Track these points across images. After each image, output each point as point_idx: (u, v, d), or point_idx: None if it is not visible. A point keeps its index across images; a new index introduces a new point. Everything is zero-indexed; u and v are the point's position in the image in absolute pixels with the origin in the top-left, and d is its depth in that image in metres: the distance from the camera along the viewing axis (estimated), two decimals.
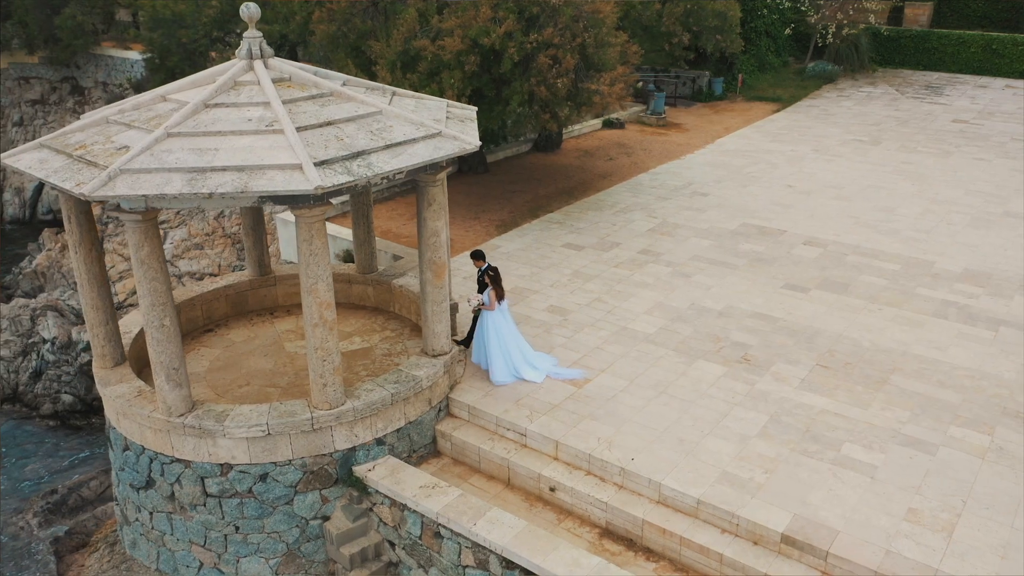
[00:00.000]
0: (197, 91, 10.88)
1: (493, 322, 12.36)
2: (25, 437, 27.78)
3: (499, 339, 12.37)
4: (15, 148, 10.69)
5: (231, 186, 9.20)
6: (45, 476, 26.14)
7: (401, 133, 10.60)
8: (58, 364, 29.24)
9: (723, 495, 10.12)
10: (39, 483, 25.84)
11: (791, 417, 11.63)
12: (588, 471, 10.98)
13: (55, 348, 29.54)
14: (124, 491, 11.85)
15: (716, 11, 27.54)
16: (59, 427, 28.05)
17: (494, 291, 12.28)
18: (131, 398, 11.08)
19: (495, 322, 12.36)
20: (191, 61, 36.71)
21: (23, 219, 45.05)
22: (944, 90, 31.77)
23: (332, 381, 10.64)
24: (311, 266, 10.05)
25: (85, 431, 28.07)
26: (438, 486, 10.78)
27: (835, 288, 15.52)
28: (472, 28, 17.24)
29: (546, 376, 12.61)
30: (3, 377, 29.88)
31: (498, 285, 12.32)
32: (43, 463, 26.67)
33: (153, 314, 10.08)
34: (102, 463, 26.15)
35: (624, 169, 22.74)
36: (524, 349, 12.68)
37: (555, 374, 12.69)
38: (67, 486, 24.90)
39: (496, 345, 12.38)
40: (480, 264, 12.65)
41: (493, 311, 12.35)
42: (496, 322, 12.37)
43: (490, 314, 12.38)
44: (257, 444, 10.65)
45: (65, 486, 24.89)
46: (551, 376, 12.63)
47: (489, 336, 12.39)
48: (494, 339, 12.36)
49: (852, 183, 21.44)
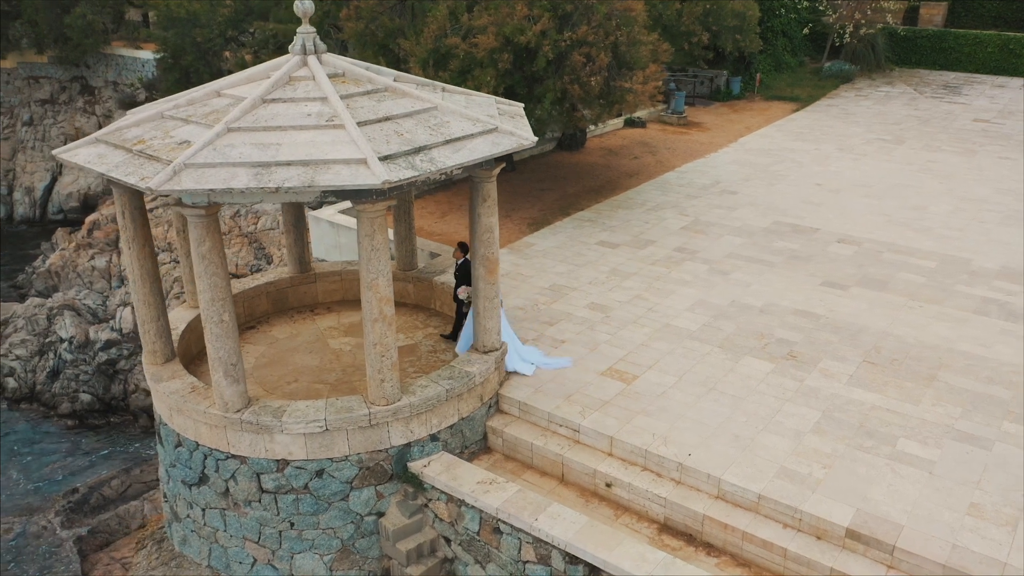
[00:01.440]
0: (252, 86, 10.86)
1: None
2: (43, 436, 27.75)
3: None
4: (68, 144, 10.65)
5: (297, 180, 9.18)
6: (65, 475, 26.12)
7: (459, 129, 10.59)
8: (76, 363, 29.20)
9: (783, 490, 10.11)
10: (59, 482, 25.81)
11: (843, 413, 11.62)
12: (644, 467, 10.96)
13: (73, 347, 29.51)
14: (175, 488, 11.82)
15: (735, 11, 27.56)
16: (77, 426, 28.03)
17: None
18: (185, 394, 11.05)
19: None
20: (205, 60, 36.75)
21: (33, 219, 45.00)
22: (962, 90, 31.81)
23: (390, 377, 10.62)
24: (372, 261, 10.03)
25: (104, 430, 28.07)
26: (495, 481, 10.77)
27: (874, 285, 15.52)
28: (507, 26, 17.24)
29: (535, 368, 12.62)
30: (20, 376, 29.85)
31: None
32: (63, 462, 26.64)
33: (213, 309, 10.06)
34: (122, 462, 26.14)
35: (650, 168, 22.74)
36: (516, 344, 12.66)
37: (544, 364, 12.72)
38: (88, 485, 24.88)
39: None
40: (459, 256, 12.64)
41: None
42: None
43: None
44: (314, 440, 10.62)
45: (86, 485, 24.87)
46: (540, 367, 12.65)
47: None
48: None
49: (880, 181, 21.45)
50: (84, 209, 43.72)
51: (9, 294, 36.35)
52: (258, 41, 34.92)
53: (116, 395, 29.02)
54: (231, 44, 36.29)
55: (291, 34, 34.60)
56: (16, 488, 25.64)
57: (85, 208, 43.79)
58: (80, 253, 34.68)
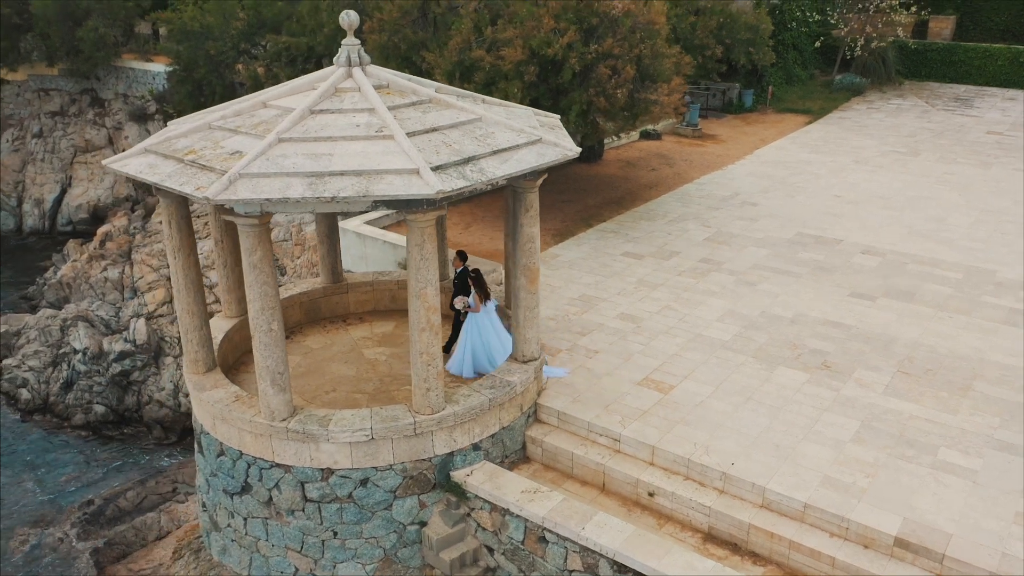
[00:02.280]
0: (299, 97, 10.96)
1: (478, 323, 12.33)
2: (57, 447, 27.72)
3: (481, 338, 12.37)
4: (118, 154, 10.73)
5: (352, 190, 9.26)
6: (80, 486, 26.05)
7: (504, 139, 10.69)
8: (89, 374, 29.19)
9: (829, 499, 10.16)
10: (74, 493, 25.75)
11: (882, 423, 11.69)
12: (687, 476, 11.01)
13: (86, 358, 29.50)
14: (215, 497, 11.84)
15: (748, 24, 27.81)
16: (91, 437, 27.99)
17: (477, 294, 12.23)
18: (229, 403, 11.09)
19: (479, 323, 12.33)
20: (217, 73, 36.92)
21: (42, 230, 45.03)
22: (973, 102, 32.05)
23: (435, 386, 10.67)
24: (421, 270, 10.10)
25: (117, 441, 28.03)
26: (539, 491, 10.81)
27: (901, 296, 15.61)
28: (534, 38, 17.39)
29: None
30: (34, 387, 29.82)
31: (481, 287, 12.29)
32: (77, 473, 26.59)
33: (262, 318, 10.12)
34: (137, 473, 26.11)
35: (668, 179, 22.87)
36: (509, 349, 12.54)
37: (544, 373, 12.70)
38: (103, 496, 24.87)
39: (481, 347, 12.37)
40: (459, 265, 12.64)
41: (479, 312, 12.28)
42: (480, 323, 12.35)
43: (473, 317, 12.33)
44: (360, 449, 10.66)
45: (101, 496, 24.87)
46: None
47: (474, 337, 12.36)
48: (476, 337, 12.34)
49: (898, 193, 21.59)
50: (93, 221, 43.79)
51: (20, 305, 36.35)
52: (270, 54, 35.12)
53: (130, 406, 29.02)
54: (243, 57, 36.47)
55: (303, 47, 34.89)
56: (31, 499, 25.58)
57: (94, 220, 43.86)
58: (93, 264, 34.73)
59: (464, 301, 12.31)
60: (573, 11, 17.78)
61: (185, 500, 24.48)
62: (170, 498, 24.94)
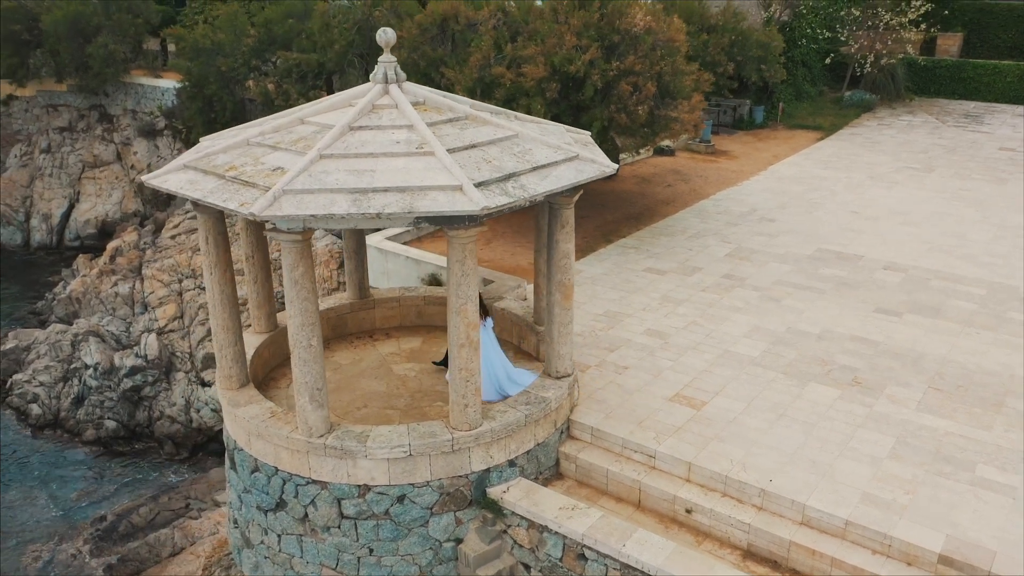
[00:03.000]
0: (336, 114, 11.00)
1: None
2: (68, 463, 27.60)
3: (484, 357, 11.86)
4: (157, 170, 10.75)
5: (397, 206, 9.29)
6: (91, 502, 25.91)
7: (542, 156, 10.73)
8: (100, 390, 29.09)
9: (870, 516, 10.13)
10: (86, 509, 25.61)
11: (917, 439, 11.67)
12: (724, 493, 10.98)
13: (98, 374, 29.41)
14: (248, 513, 11.78)
15: (760, 41, 27.98)
16: (102, 453, 27.86)
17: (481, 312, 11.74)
18: (265, 419, 11.06)
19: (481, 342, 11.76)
20: (228, 90, 37.08)
21: (50, 245, 45.00)
22: (984, 119, 32.20)
23: (473, 402, 10.66)
24: (462, 286, 10.11)
25: (129, 457, 27.91)
26: (577, 507, 10.77)
27: (927, 312, 15.63)
28: (556, 55, 17.48)
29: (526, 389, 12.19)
30: (44, 403, 29.73)
31: (480, 305, 11.77)
32: (88, 489, 26.45)
33: (302, 334, 10.12)
34: (149, 489, 25.98)
35: (684, 195, 22.93)
36: (507, 366, 12.41)
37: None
38: (116, 513, 24.73)
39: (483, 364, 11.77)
40: None
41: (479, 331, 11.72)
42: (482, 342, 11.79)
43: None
44: (397, 465, 10.63)
45: (114, 512, 24.72)
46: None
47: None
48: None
49: (915, 209, 21.66)
50: (101, 236, 43.81)
51: (29, 320, 36.31)
52: (280, 71, 35.29)
53: (141, 422, 28.91)
54: (254, 73, 36.65)
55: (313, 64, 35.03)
56: (43, 514, 25.45)
57: (102, 235, 43.87)
58: (103, 279, 34.70)
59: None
60: (594, 28, 17.89)
61: (198, 516, 24.36)
62: (183, 514, 24.79)
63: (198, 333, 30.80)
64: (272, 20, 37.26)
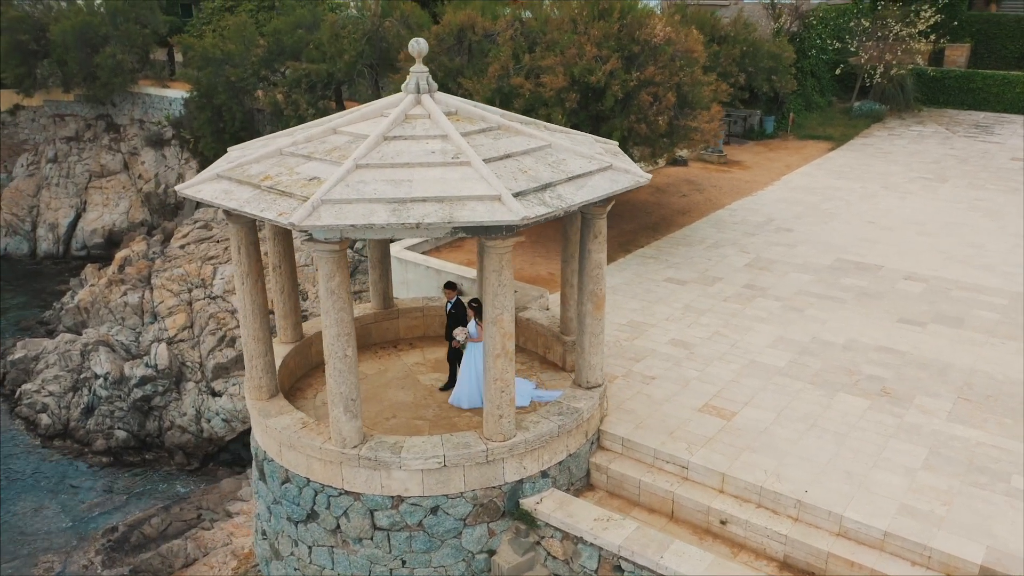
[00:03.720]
0: (369, 124, 10.99)
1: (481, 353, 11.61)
2: (78, 473, 27.50)
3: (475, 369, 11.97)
4: (192, 179, 10.73)
5: (436, 216, 9.27)
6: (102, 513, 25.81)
7: (577, 166, 10.72)
8: (111, 400, 29.02)
9: (908, 527, 10.09)
10: (97, 519, 25.51)
11: (950, 450, 11.64)
12: (759, 504, 10.93)
13: (108, 383, 29.33)
14: (278, 525, 11.71)
15: (771, 52, 28.08)
16: (112, 463, 27.79)
17: (479, 322, 11.69)
18: (297, 430, 11.02)
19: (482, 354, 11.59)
20: (237, 99, 37.13)
21: (56, 255, 45.01)
22: (994, 129, 32.27)
23: (508, 413, 10.62)
24: (498, 296, 10.08)
25: (139, 467, 27.84)
26: (612, 518, 10.72)
27: (950, 322, 15.61)
28: (576, 66, 17.51)
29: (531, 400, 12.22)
30: (54, 413, 29.65)
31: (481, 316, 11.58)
32: (99, 499, 26.35)
33: (338, 344, 10.08)
34: (160, 499, 25.88)
35: (700, 205, 22.94)
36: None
37: (537, 397, 12.34)
38: (127, 524, 24.61)
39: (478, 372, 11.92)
40: (451, 295, 12.29)
41: (481, 342, 11.57)
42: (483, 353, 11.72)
43: (476, 346, 11.82)
44: (432, 476, 10.58)
45: (125, 523, 24.60)
46: (535, 399, 12.25)
47: (478, 367, 11.85)
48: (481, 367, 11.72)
49: (931, 219, 21.67)
50: (108, 245, 43.81)
51: (36, 330, 36.23)
52: (289, 81, 35.38)
53: (151, 432, 28.84)
54: (263, 83, 36.72)
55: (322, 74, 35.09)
56: (53, 525, 25.34)
57: (109, 244, 43.88)
58: (112, 289, 34.63)
59: (465, 332, 11.89)
60: (614, 39, 17.92)
61: (211, 527, 24.25)
62: (195, 525, 24.67)
63: (208, 343, 30.76)
64: (281, 30, 37.34)
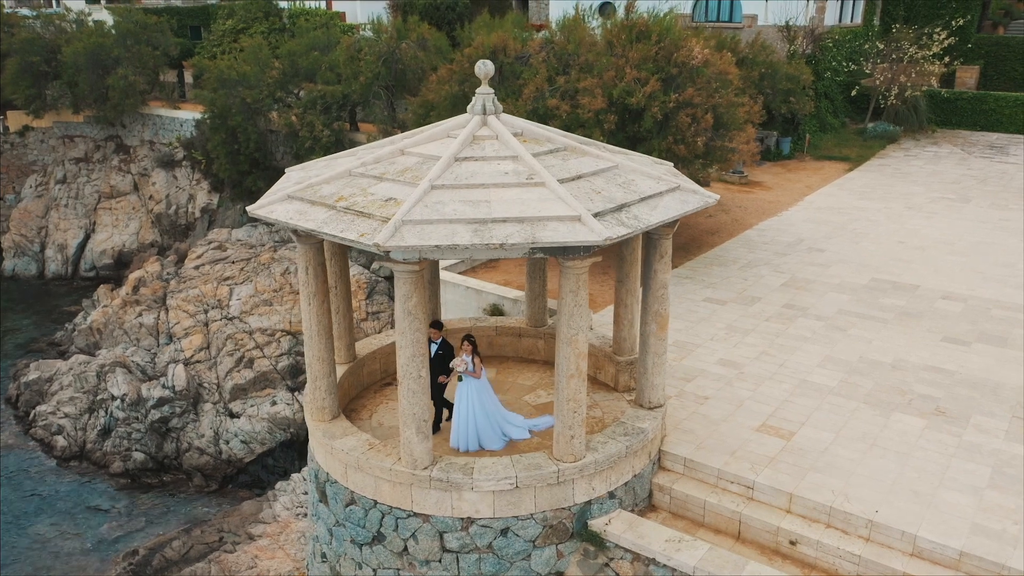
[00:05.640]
0: (437, 145, 11.04)
1: (478, 391, 11.44)
2: (96, 496, 27.28)
3: (483, 409, 11.54)
4: (261, 200, 10.73)
5: (519, 237, 9.28)
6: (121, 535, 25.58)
7: (646, 187, 10.77)
8: (128, 421, 28.84)
9: (984, 546, 10.07)
10: (116, 542, 25.30)
11: (1013, 468, 11.65)
12: (828, 524, 10.90)
13: (125, 405, 29.14)
14: (340, 547, 11.62)
15: (789, 74, 28.34)
16: (130, 485, 27.59)
17: (478, 358, 11.44)
18: (364, 451, 10.96)
19: (479, 390, 11.47)
20: (252, 121, 37.25)
21: (65, 275, 44.91)
22: (1008, 150, 32.57)
23: (579, 433, 10.60)
24: (574, 317, 10.09)
25: (157, 489, 27.63)
26: (683, 539, 10.68)
27: (995, 341, 15.67)
28: (616, 87, 17.63)
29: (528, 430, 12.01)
30: (70, 434, 29.45)
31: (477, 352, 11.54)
32: (118, 522, 26.12)
33: (412, 365, 10.06)
34: (180, 522, 25.67)
35: (728, 226, 23.04)
36: (502, 411, 11.97)
37: (533, 426, 12.12)
38: (148, 547, 24.38)
39: (483, 416, 11.54)
40: (437, 335, 11.69)
41: (479, 378, 11.45)
42: (480, 389, 11.49)
43: (475, 382, 11.42)
44: (503, 498, 10.53)
45: (146, 547, 24.37)
46: (532, 429, 12.03)
47: (475, 406, 11.45)
48: (479, 408, 11.48)
49: (960, 239, 21.81)
50: (118, 266, 43.72)
51: (48, 352, 36.04)
52: (304, 102, 35.54)
53: (169, 453, 28.66)
54: (278, 105, 36.86)
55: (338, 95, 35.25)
56: (72, 548, 25.10)
57: (119, 265, 43.79)
58: (127, 310, 34.52)
59: (464, 363, 11.27)
60: (652, 61, 18.07)
61: (233, 550, 24.02)
62: (217, 547, 24.44)
63: (226, 364, 30.66)
64: (296, 52, 37.55)
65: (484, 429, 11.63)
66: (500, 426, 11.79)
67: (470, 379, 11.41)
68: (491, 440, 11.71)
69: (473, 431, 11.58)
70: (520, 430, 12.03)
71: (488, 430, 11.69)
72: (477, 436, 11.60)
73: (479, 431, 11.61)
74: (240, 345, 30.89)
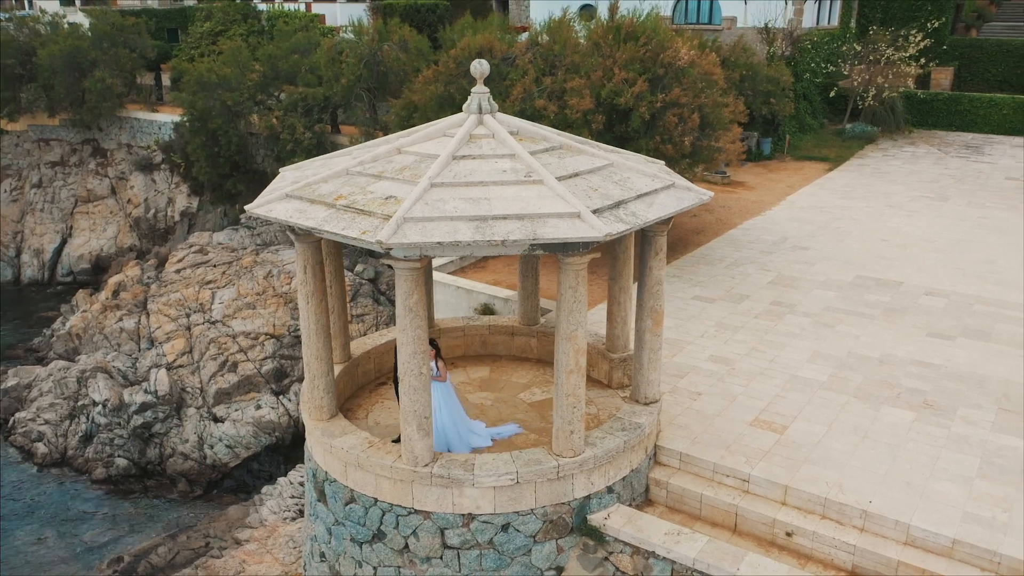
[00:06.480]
0: (434, 143, 11.10)
1: (443, 394, 11.44)
2: (79, 502, 26.96)
3: (449, 413, 11.54)
4: (258, 200, 10.73)
5: (520, 233, 9.37)
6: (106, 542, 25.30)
7: (642, 184, 10.90)
8: (110, 427, 28.55)
9: (976, 534, 10.28)
10: (100, 549, 25.00)
11: (1002, 459, 11.89)
12: (823, 515, 11.07)
13: (107, 411, 28.84)
14: (340, 546, 11.63)
15: (769, 76, 28.66)
16: (113, 491, 27.29)
17: (441, 362, 11.49)
18: (364, 449, 10.98)
19: (444, 395, 11.47)
20: (233, 124, 37.02)
21: (41, 281, 44.40)
22: (984, 149, 33.14)
23: (578, 428, 10.68)
24: (573, 313, 10.18)
25: (141, 495, 27.34)
26: (683, 532, 10.81)
27: (978, 336, 15.97)
28: (604, 88, 17.77)
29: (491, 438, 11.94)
30: (51, 441, 29.08)
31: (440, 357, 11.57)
32: (101, 528, 25.83)
33: (413, 362, 10.10)
34: (164, 528, 25.44)
35: (713, 225, 23.26)
36: (465, 418, 11.97)
37: (496, 434, 12.06)
38: (133, 553, 24.15)
39: (449, 419, 11.51)
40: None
41: (444, 381, 11.51)
42: (445, 395, 11.49)
43: (440, 386, 11.39)
44: (503, 493, 10.59)
45: (131, 553, 24.14)
46: (494, 437, 11.97)
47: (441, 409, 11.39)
48: (445, 411, 11.46)
49: (940, 237, 22.17)
50: (95, 271, 43.28)
51: (26, 358, 35.58)
52: (285, 104, 35.41)
53: (152, 459, 28.38)
54: (259, 107, 36.70)
55: (319, 97, 35.14)
56: (55, 555, 24.78)
57: (96, 270, 43.35)
58: (107, 315, 34.17)
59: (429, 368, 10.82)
60: (639, 62, 18.23)
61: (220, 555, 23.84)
62: (204, 553, 24.24)
63: (209, 368, 30.42)
64: (276, 55, 37.39)
65: (451, 432, 11.53)
66: (460, 434, 11.66)
67: (435, 383, 11.30)
68: (458, 444, 11.59)
69: (442, 434, 11.48)
70: (483, 438, 11.93)
71: (455, 433, 11.60)
72: (445, 439, 11.50)
73: (447, 434, 11.52)
74: (223, 349, 30.66)
